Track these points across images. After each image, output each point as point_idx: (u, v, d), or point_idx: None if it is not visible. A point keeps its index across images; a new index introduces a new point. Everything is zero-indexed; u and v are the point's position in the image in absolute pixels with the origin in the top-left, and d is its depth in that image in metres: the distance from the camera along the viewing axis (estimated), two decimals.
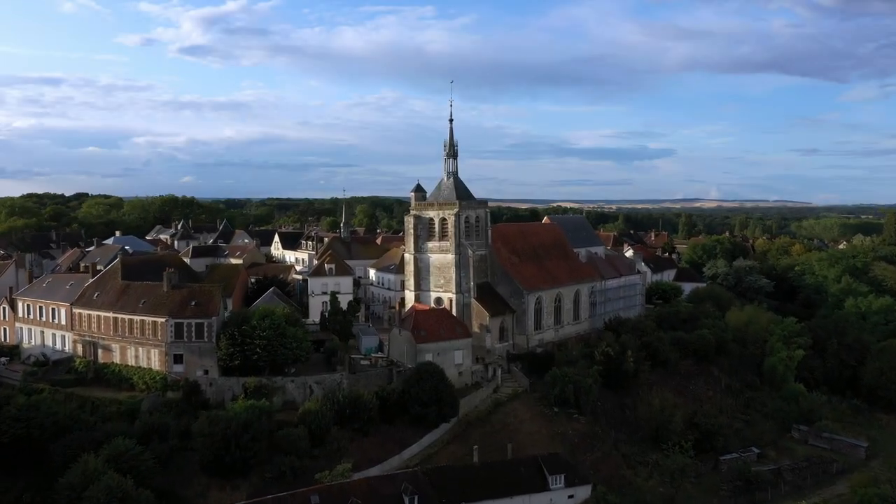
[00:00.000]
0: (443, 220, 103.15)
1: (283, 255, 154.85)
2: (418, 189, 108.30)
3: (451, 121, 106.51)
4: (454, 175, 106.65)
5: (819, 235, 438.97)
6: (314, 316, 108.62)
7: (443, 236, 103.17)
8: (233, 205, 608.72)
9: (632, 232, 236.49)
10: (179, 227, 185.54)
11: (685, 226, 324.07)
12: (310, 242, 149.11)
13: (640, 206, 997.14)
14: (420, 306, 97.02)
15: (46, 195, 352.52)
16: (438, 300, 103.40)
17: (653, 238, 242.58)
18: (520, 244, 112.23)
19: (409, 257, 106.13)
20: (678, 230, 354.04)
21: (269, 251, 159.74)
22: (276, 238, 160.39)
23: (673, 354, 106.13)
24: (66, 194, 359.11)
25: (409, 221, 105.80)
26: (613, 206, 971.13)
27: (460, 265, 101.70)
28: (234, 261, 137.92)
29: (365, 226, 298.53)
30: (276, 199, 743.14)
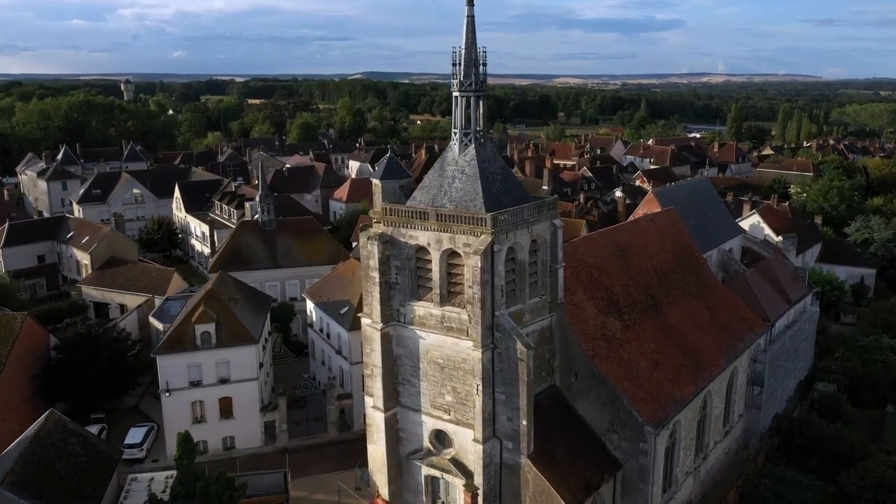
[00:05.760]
0: (451, 254, 38.95)
1: (188, 224, 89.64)
2: (389, 172, 42.52)
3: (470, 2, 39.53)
4: (479, 140, 40.39)
5: (866, 123, 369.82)
6: (172, 444, 46.58)
7: (451, 294, 39.39)
8: (214, 86, 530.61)
9: (691, 144, 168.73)
10: (59, 157, 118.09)
11: (735, 120, 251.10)
12: (225, 207, 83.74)
13: (644, 82, 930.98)
14: None
15: None
16: (439, 437, 41.42)
17: (716, 150, 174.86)
18: (619, 280, 47.94)
19: (371, 332, 42.31)
20: (724, 120, 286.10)
21: (171, 213, 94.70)
22: (178, 194, 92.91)
23: None
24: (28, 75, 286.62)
25: (372, 251, 41.11)
26: (618, 83, 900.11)
27: (496, 371, 38.73)
28: (78, 253, 74.13)
29: (348, 126, 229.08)
30: (263, 77, 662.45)
